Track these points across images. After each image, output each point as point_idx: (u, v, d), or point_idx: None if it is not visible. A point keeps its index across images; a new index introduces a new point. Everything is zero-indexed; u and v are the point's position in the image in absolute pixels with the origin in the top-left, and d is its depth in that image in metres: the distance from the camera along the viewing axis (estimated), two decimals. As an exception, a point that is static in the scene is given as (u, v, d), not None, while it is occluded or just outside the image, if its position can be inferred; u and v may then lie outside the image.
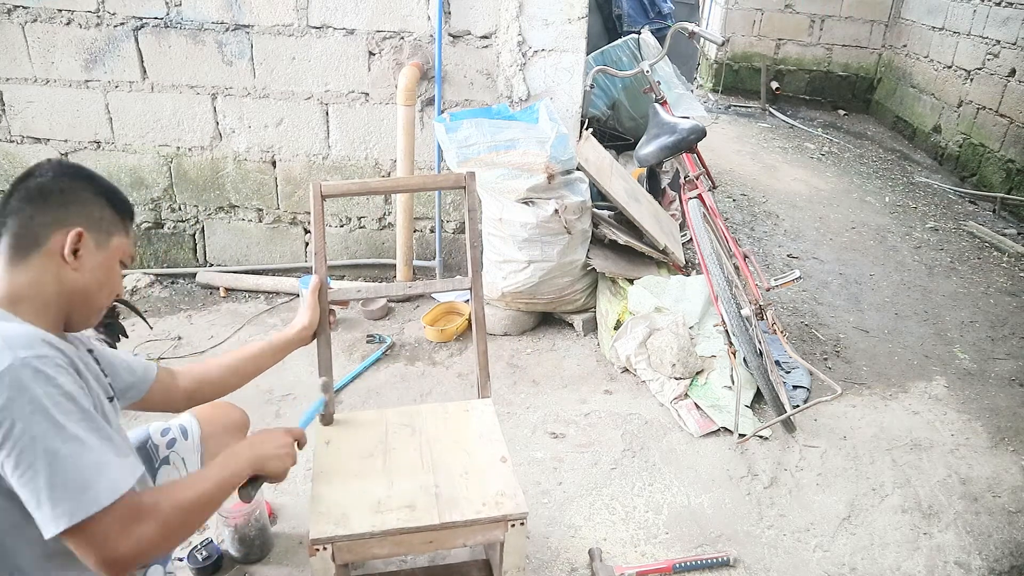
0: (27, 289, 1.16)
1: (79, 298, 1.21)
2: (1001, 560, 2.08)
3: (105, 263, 1.24)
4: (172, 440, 1.61)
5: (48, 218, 1.18)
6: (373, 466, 1.54)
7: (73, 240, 1.17)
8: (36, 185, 1.19)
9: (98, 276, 1.23)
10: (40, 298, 1.17)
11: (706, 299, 2.93)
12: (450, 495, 1.45)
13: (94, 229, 1.22)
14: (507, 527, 1.41)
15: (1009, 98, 5.15)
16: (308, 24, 2.98)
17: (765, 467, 2.38)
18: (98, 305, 1.26)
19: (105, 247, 1.24)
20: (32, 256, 1.17)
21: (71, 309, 1.22)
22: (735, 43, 7.83)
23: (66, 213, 1.19)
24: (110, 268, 1.26)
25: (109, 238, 1.25)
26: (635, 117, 3.95)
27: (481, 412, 1.72)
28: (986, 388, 2.92)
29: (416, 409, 1.78)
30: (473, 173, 1.80)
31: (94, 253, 1.22)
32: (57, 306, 1.19)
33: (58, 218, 1.18)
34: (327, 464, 1.56)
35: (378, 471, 1.53)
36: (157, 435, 1.61)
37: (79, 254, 1.19)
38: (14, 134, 3.23)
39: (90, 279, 1.21)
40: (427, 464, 1.55)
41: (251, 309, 3.24)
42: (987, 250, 4.35)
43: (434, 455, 1.58)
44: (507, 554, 1.45)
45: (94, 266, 1.22)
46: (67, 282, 1.19)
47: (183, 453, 1.62)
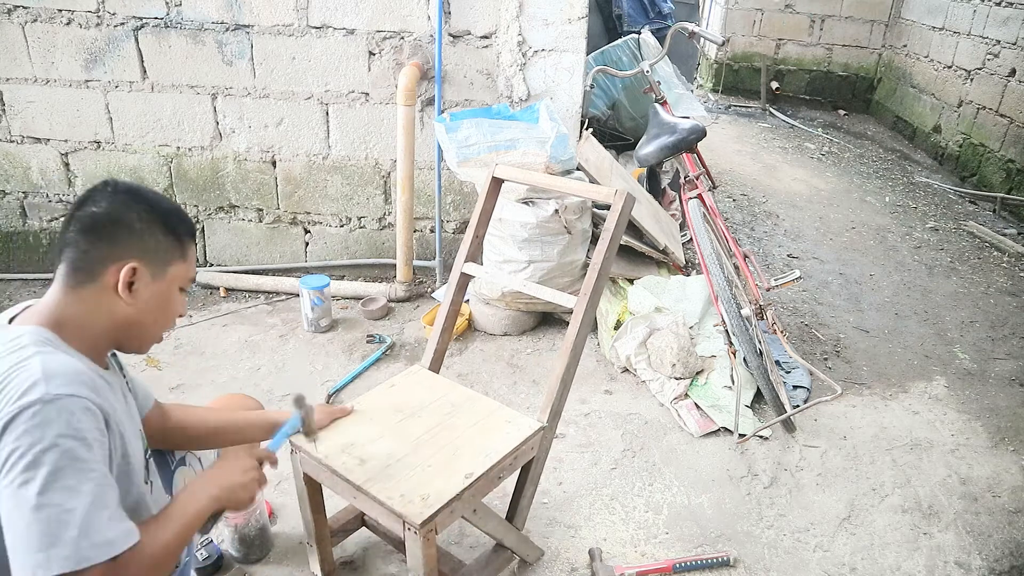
0: (78, 318, 1.15)
1: (134, 330, 1.20)
2: (1001, 560, 2.08)
3: (162, 294, 1.21)
4: None
5: (102, 252, 1.15)
6: (389, 420, 1.69)
7: (127, 275, 1.15)
8: (90, 216, 1.15)
9: (153, 308, 1.20)
10: (90, 328, 1.16)
11: (706, 299, 2.93)
12: (393, 473, 1.51)
13: (150, 261, 1.18)
14: (404, 527, 1.43)
15: (1009, 98, 5.15)
16: (308, 24, 2.98)
17: (765, 467, 2.38)
18: (153, 336, 1.25)
19: (162, 277, 1.21)
20: (87, 287, 1.15)
21: (123, 340, 1.21)
22: (735, 43, 7.83)
23: (120, 246, 1.15)
24: (167, 298, 1.23)
25: (166, 267, 1.21)
26: (635, 117, 3.95)
27: (517, 428, 1.69)
28: (986, 388, 2.92)
29: (473, 396, 1.81)
30: (625, 191, 1.72)
31: (150, 285, 1.19)
32: (107, 337, 1.18)
33: (112, 252, 1.15)
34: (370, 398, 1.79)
35: (386, 425, 1.67)
36: None
37: (134, 287, 1.16)
38: (14, 134, 3.23)
39: (145, 312, 1.19)
40: (419, 442, 1.62)
41: (251, 309, 3.24)
42: (987, 250, 4.35)
43: (433, 439, 1.63)
44: (408, 555, 1.47)
45: (149, 298, 1.19)
46: (120, 315, 1.17)
47: (199, 452, 1.61)
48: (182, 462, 1.57)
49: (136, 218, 1.17)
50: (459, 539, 2.01)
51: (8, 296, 3.29)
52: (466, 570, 1.78)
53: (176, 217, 1.24)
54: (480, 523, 1.65)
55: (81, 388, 1.05)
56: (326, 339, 3.01)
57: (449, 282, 1.97)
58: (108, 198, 1.17)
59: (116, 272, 1.14)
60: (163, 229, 1.20)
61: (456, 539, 2.01)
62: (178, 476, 1.55)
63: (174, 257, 1.22)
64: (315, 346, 2.96)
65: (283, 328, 3.09)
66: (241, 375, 2.75)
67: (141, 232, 1.17)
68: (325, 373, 2.78)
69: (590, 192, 1.90)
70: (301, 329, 3.07)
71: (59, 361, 1.07)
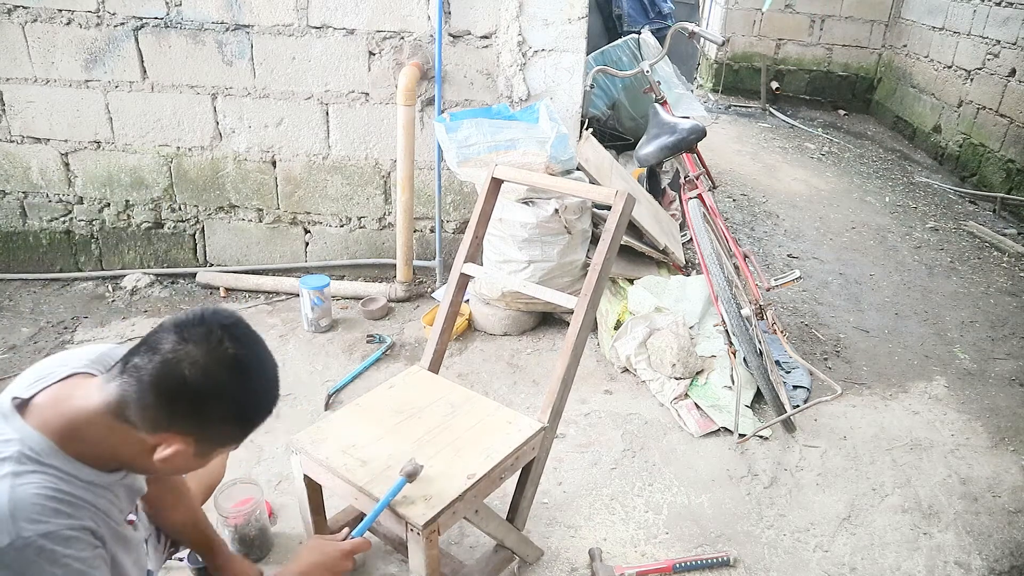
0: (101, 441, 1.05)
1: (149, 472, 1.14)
2: (1001, 560, 2.08)
3: (196, 465, 1.13)
4: None
5: (162, 416, 1.03)
6: (390, 421, 1.70)
7: (168, 453, 1.05)
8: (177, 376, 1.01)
9: (179, 469, 1.13)
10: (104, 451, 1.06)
11: (706, 299, 2.93)
12: (394, 474, 1.51)
13: (202, 442, 1.07)
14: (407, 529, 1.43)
15: (1009, 98, 5.15)
16: (308, 24, 2.98)
17: (765, 467, 2.38)
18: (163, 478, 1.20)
19: (204, 458, 1.11)
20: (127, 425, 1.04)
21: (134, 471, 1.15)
22: (735, 43, 7.83)
23: (180, 420, 1.04)
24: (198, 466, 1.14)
25: (213, 451, 1.11)
26: (635, 117, 3.95)
27: (518, 429, 1.69)
28: (986, 388, 2.92)
29: (474, 396, 1.81)
30: (625, 192, 1.72)
31: (190, 460, 1.09)
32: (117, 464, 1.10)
33: (172, 422, 1.03)
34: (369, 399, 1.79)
35: (386, 426, 1.68)
36: None
37: (172, 455, 1.06)
38: (14, 134, 3.23)
39: (171, 471, 1.13)
40: (420, 443, 1.62)
41: (251, 309, 3.24)
42: (987, 250, 4.35)
43: (434, 440, 1.63)
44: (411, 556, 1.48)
45: (182, 466, 1.11)
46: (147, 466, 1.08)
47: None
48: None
49: (216, 406, 1.04)
50: (459, 539, 2.01)
51: (8, 296, 3.29)
52: (466, 571, 1.78)
53: (259, 413, 1.12)
54: (481, 524, 1.65)
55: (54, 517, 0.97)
56: (326, 339, 3.01)
57: (448, 282, 1.97)
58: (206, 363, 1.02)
59: (163, 438, 1.04)
60: (237, 424, 1.10)
61: (456, 539, 2.01)
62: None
63: (228, 445, 1.13)
64: (315, 346, 2.96)
65: (283, 328, 3.09)
66: (241, 375, 2.75)
67: (212, 420, 1.06)
68: (325, 373, 2.78)
69: (590, 193, 1.90)
70: (301, 329, 3.07)
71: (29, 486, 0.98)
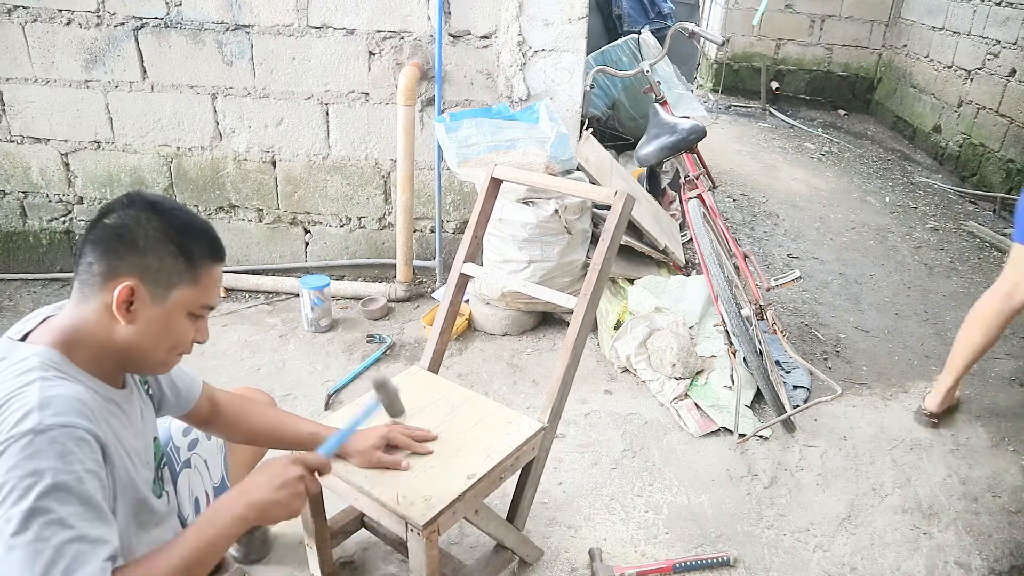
0: (83, 336, 1.11)
1: (135, 354, 1.14)
2: (1001, 560, 2.08)
3: (163, 318, 1.13)
4: (194, 441, 1.56)
5: (104, 267, 1.09)
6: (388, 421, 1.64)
7: (122, 295, 1.08)
8: (101, 227, 1.10)
9: (153, 332, 1.13)
10: (93, 347, 1.12)
11: (706, 299, 2.93)
12: (394, 474, 1.51)
13: (150, 281, 1.10)
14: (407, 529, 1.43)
15: (1009, 98, 5.15)
16: (308, 24, 2.98)
17: (765, 467, 2.38)
18: (158, 361, 1.18)
19: (163, 301, 1.12)
20: (91, 303, 1.10)
21: (127, 362, 1.16)
22: (735, 43, 7.83)
23: (121, 263, 1.09)
24: (170, 323, 1.14)
25: (168, 291, 1.12)
26: (635, 117, 3.95)
27: (518, 429, 1.68)
28: (986, 388, 2.92)
29: (473, 397, 1.80)
30: (625, 192, 1.72)
31: (149, 308, 1.11)
32: (111, 358, 1.14)
33: (112, 268, 1.09)
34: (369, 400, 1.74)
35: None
36: (179, 435, 1.55)
37: (133, 308, 1.10)
38: (14, 134, 3.23)
39: (144, 335, 1.12)
40: None
41: (251, 309, 3.24)
42: (987, 250, 4.35)
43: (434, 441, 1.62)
44: (411, 557, 1.47)
45: (149, 322, 1.12)
46: (120, 337, 1.11)
47: (205, 455, 1.58)
48: (187, 464, 1.54)
49: (143, 234, 1.10)
50: (459, 539, 2.01)
51: (8, 296, 3.29)
52: (467, 571, 1.78)
53: (192, 237, 1.14)
54: (481, 524, 1.65)
55: (77, 417, 1.02)
56: (326, 339, 3.01)
57: (448, 282, 1.97)
58: (123, 210, 1.11)
59: (112, 290, 1.08)
60: (173, 249, 1.12)
61: (456, 539, 2.01)
62: (182, 480, 1.53)
63: (181, 280, 1.13)
64: (315, 346, 2.96)
65: (283, 328, 3.09)
66: (241, 375, 2.75)
67: (145, 250, 1.10)
68: (325, 373, 2.78)
69: (589, 193, 1.89)
70: (301, 329, 3.07)
71: (59, 388, 1.04)
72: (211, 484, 1.57)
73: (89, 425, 1.03)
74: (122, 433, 1.14)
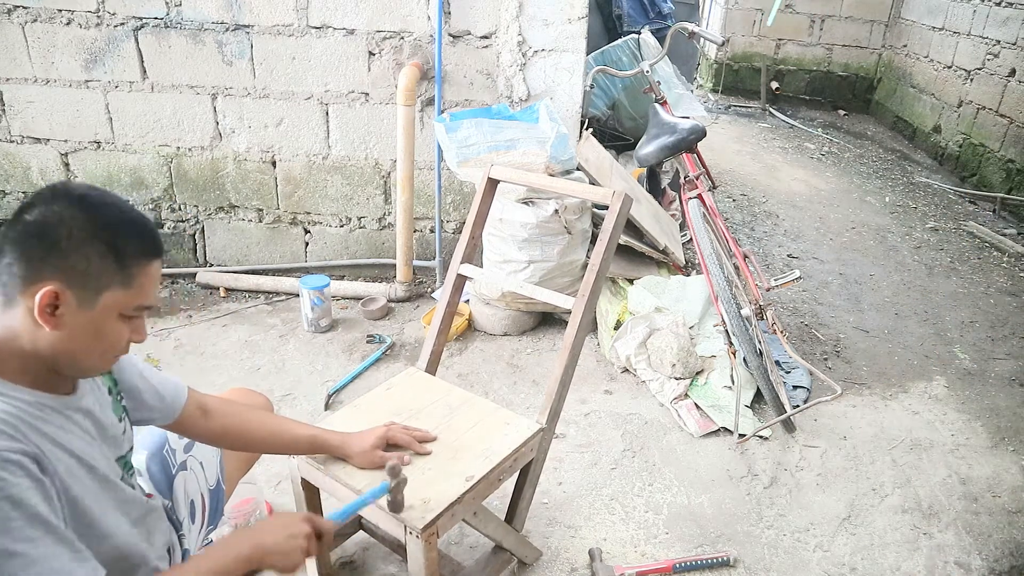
0: (9, 343, 1.02)
1: (64, 359, 1.04)
2: (1001, 560, 2.08)
3: (93, 323, 1.03)
4: (191, 443, 1.53)
5: (23, 268, 0.99)
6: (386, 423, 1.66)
7: (43, 300, 0.98)
8: (22, 224, 1.00)
9: (83, 338, 1.03)
10: (19, 356, 1.02)
11: (706, 299, 2.93)
12: None
13: (76, 285, 1.00)
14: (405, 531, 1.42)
15: (1009, 98, 5.15)
16: (308, 24, 2.98)
17: (765, 467, 2.38)
18: (91, 365, 1.09)
19: (91, 305, 1.02)
20: (12, 309, 1.00)
21: (58, 368, 1.06)
22: (735, 43, 7.83)
23: (43, 265, 0.99)
24: (100, 328, 1.04)
25: (97, 295, 1.02)
26: (635, 117, 3.95)
27: (516, 430, 1.68)
28: (986, 388, 2.92)
29: (471, 398, 1.80)
30: (622, 193, 1.71)
31: (76, 313, 1.01)
32: (39, 364, 1.04)
33: (33, 270, 0.99)
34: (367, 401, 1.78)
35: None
36: (175, 438, 1.50)
37: (58, 313, 1.00)
38: (14, 134, 3.23)
39: (74, 342, 1.03)
40: None
41: (251, 309, 3.24)
42: (987, 250, 4.35)
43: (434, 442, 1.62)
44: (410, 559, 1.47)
45: (77, 327, 1.02)
46: (45, 342, 1.01)
47: (201, 457, 1.55)
48: (183, 467, 1.51)
49: (65, 233, 0.99)
50: (459, 539, 2.01)
51: (8, 296, 3.29)
52: (465, 572, 1.78)
53: (123, 235, 1.04)
54: (480, 526, 1.65)
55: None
56: (326, 339, 3.01)
57: (445, 283, 1.97)
58: (45, 205, 1.01)
59: (34, 295, 0.98)
60: (99, 249, 1.01)
61: (456, 539, 2.01)
62: (177, 482, 1.51)
63: (111, 283, 1.02)
64: (315, 346, 2.96)
65: (283, 328, 3.09)
66: (241, 375, 2.75)
67: (67, 250, 0.99)
68: (325, 373, 2.78)
69: (586, 193, 1.90)
70: (301, 329, 3.07)
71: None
72: (207, 487, 1.55)
73: (10, 443, 0.96)
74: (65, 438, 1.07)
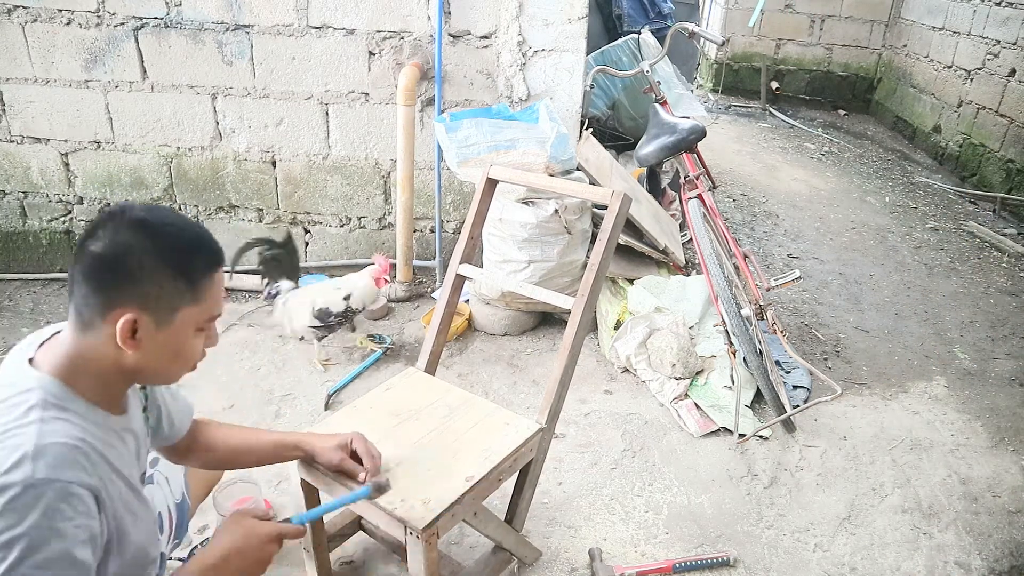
0: (85, 363, 1.07)
1: (147, 375, 1.13)
2: (1001, 560, 2.08)
3: (172, 340, 1.10)
4: (156, 458, 1.52)
5: (100, 299, 1.04)
6: (386, 424, 1.68)
7: (125, 328, 1.04)
8: (88, 257, 1.04)
9: (164, 355, 1.10)
10: (97, 375, 1.08)
11: (706, 299, 2.93)
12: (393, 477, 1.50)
13: (152, 309, 1.06)
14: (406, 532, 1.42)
15: (1009, 98, 5.15)
16: (308, 24, 2.98)
17: (765, 467, 2.38)
18: (172, 376, 1.16)
19: (169, 325, 1.08)
20: (90, 333, 1.06)
21: (140, 380, 1.15)
22: (735, 43, 7.83)
23: (118, 294, 1.04)
24: (179, 343, 1.11)
25: (172, 314, 1.08)
26: (635, 117, 3.95)
27: (516, 430, 1.68)
28: (986, 388, 2.92)
29: (471, 398, 1.80)
30: (621, 193, 1.71)
31: (155, 335, 1.07)
32: (116, 381, 1.11)
33: (111, 300, 1.04)
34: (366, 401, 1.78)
35: (383, 429, 1.66)
36: None
37: (137, 336, 1.06)
38: (14, 134, 3.23)
39: (154, 359, 1.09)
40: (418, 445, 1.62)
41: (251, 309, 3.24)
42: (987, 250, 4.35)
43: (432, 443, 1.62)
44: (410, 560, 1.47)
45: (157, 346, 1.08)
46: (128, 364, 1.08)
47: (166, 472, 1.54)
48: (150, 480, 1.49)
49: (136, 263, 1.04)
50: (459, 539, 2.01)
51: (8, 296, 3.29)
52: (465, 572, 1.78)
53: (188, 255, 1.09)
54: (480, 526, 1.65)
55: (71, 469, 0.99)
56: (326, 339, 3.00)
57: (444, 284, 1.97)
58: (111, 234, 1.04)
59: (114, 321, 1.04)
60: (169, 273, 1.06)
61: (456, 539, 2.01)
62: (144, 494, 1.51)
63: (184, 302, 1.08)
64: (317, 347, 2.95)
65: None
66: (241, 375, 2.75)
67: (140, 279, 1.04)
68: (325, 373, 2.78)
69: (585, 193, 1.90)
70: (301, 329, 3.07)
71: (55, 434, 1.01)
72: (173, 501, 1.53)
73: (83, 477, 1.01)
74: (119, 462, 1.12)
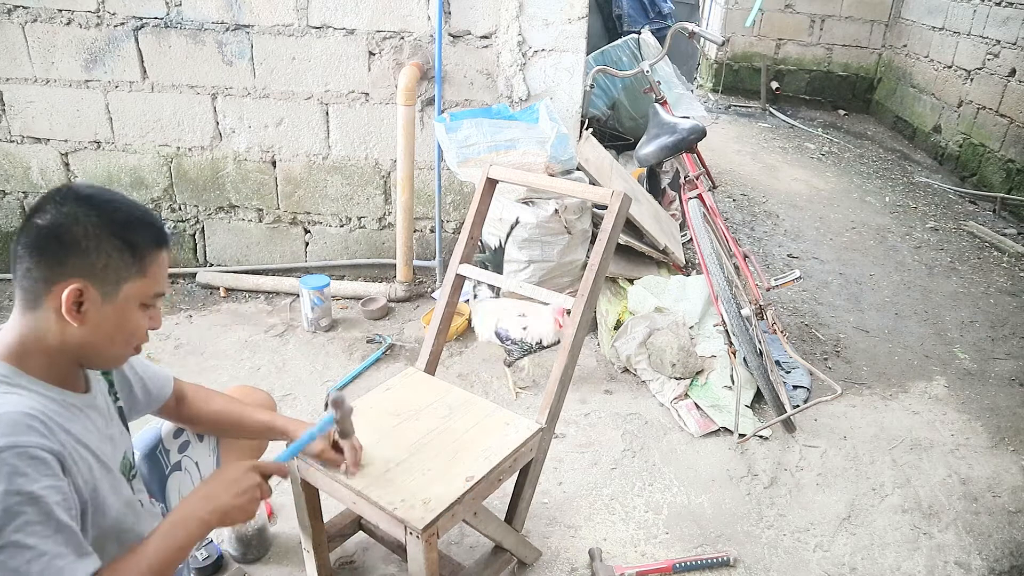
0: (33, 343, 1.08)
1: (89, 352, 1.12)
2: (1001, 560, 2.08)
3: (116, 314, 1.10)
4: (185, 443, 1.53)
5: (44, 272, 1.05)
6: (386, 424, 1.67)
7: (70, 298, 1.05)
8: (35, 229, 1.05)
9: (108, 329, 1.10)
10: (46, 353, 1.09)
11: (706, 299, 2.93)
12: (393, 478, 1.50)
13: (98, 280, 1.07)
14: (406, 532, 1.41)
15: (1009, 98, 5.15)
16: (308, 24, 2.98)
17: (765, 467, 2.38)
18: (116, 356, 1.17)
19: (113, 298, 1.09)
20: (36, 310, 1.07)
21: (84, 361, 1.14)
22: (735, 43, 7.82)
23: (64, 265, 1.05)
24: (124, 318, 1.11)
25: (118, 287, 1.09)
26: (635, 117, 3.95)
27: (516, 430, 1.68)
28: (986, 388, 2.92)
29: (471, 398, 1.80)
30: (621, 193, 1.71)
31: (101, 307, 1.08)
32: (65, 359, 1.11)
33: (54, 272, 1.05)
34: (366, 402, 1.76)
35: (383, 430, 1.65)
36: (169, 437, 1.52)
37: (83, 309, 1.07)
38: (14, 134, 3.23)
39: (98, 334, 1.10)
40: (418, 445, 1.61)
41: (251, 309, 3.24)
42: (987, 250, 4.35)
43: (432, 443, 1.62)
44: (410, 560, 1.46)
45: (102, 320, 1.09)
46: (73, 339, 1.09)
47: (196, 457, 1.55)
48: (177, 467, 1.51)
49: (82, 233, 1.05)
50: (459, 539, 2.01)
51: (8, 296, 3.29)
52: (465, 572, 1.77)
53: (134, 229, 1.10)
54: (480, 526, 1.65)
55: (27, 435, 0.99)
56: (326, 339, 3.01)
57: (444, 283, 1.97)
58: (56, 208, 1.06)
59: (59, 294, 1.04)
60: (116, 244, 1.08)
61: (456, 539, 2.01)
62: (171, 483, 1.51)
63: (129, 275, 1.10)
64: (315, 346, 2.96)
65: (283, 328, 3.09)
66: (241, 375, 2.75)
67: (87, 249, 1.05)
68: (325, 373, 2.78)
69: (585, 193, 1.90)
70: (301, 329, 3.07)
71: (7, 404, 1.01)
72: None
73: (42, 440, 1.00)
74: (87, 437, 1.12)
